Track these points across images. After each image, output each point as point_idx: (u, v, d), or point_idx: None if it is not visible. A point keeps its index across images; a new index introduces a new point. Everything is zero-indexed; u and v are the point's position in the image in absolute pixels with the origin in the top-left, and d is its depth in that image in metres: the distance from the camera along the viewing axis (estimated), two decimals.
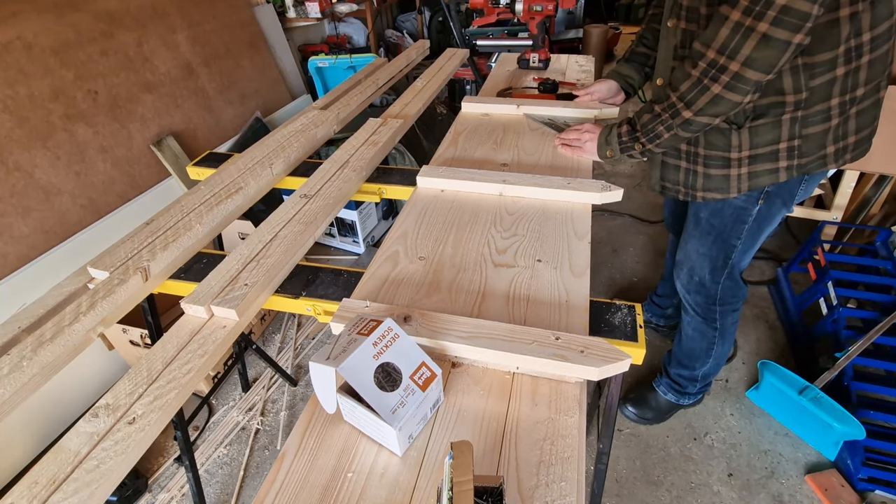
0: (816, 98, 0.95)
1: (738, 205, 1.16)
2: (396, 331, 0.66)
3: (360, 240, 2.45)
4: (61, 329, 0.80)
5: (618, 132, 1.14)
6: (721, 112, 0.93)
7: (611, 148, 1.17)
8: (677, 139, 1.03)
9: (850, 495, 1.44)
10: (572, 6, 1.87)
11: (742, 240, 1.23)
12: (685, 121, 0.97)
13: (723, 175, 1.10)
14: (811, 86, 0.94)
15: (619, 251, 2.46)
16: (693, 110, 0.95)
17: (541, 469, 0.61)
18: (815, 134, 1.00)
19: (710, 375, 1.57)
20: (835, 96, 0.95)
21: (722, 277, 1.31)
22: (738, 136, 1.04)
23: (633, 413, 1.69)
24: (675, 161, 1.16)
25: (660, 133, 1.04)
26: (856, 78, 0.93)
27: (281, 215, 1.04)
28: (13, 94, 1.66)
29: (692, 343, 1.50)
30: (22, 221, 1.64)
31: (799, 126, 0.99)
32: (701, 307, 1.40)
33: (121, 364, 1.86)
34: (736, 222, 1.20)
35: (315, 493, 0.60)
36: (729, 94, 0.89)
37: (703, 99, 0.92)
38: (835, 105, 0.96)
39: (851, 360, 1.51)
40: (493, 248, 0.97)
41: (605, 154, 1.19)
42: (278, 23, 2.98)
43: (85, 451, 0.62)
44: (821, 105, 0.96)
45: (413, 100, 1.62)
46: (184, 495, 1.54)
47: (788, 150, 1.02)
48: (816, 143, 1.01)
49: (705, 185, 1.13)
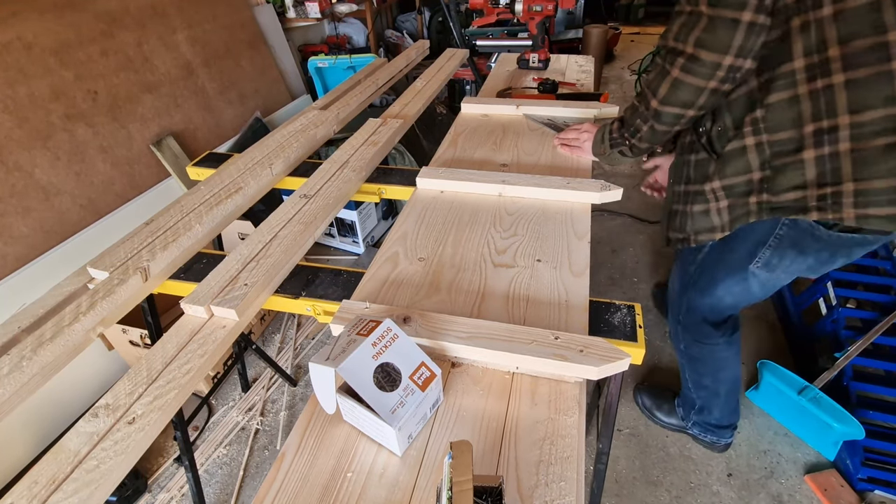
0: (779, 119, 0.85)
1: None
2: (396, 331, 0.66)
3: (359, 240, 2.45)
4: (61, 329, 0.80)
5: (609, 129, 1.16)
6: (684, 99, 0.91)
7: (604, 146, 1.17)
8: (655, 134, 1.02)
9: (850, 495, 1.44)
10: (572, 6, 1.87)
11: (695, 267, 1.21)
12: (655, 111, 0.97)
13: (703, 210, 1.04)
14: (767, 102, 0.86)
15: (618, 251, 2.46)
16: (658, 98, 0.94)
17: (540, 469, 0.61)
18: (787, 165, 0.87)
19: (705, 411, 1.50)
20: (806, 122, 0.83)
21: (684, 302, 1.31)
22: (714, 165, 0.99)
23: (643, 405, 1.70)
24: (674, 206, 1.13)
25: (638, 126, 1.04)
26: (831, 100, 0.79)
27: (281, 215, 1.04)
28: (13, 94, 1.66)
29: (678, 360, 1.52)
30: (22, 221, 1.64)
31: (769, 153, 0.89)
32: (672, 321, 1.42)
33: (120, 364, 1.85)
34: (693, 250, 1.21)
35: (315, 492, 0.60)
36: (688, 77, 0.88)
37: (665, 85, 0.92)
38: (808, 133, 0.83)
39: (851, 360, 1.51)
40: (492, 248, 0.97)
41: (599, 151, 1.20)
42: (278, 23, 2.98)
43: (85, 451, 0.62)
44: (790, 131, 0.85)
45: (413, 100, 1.62)
46: (183, 495, 1.54)
47: (759, 181, 0.92)
48: (790, 178, 0.87)
49: (694, 225, 1.07)
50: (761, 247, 1.01)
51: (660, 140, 1.05)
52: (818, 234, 0.92)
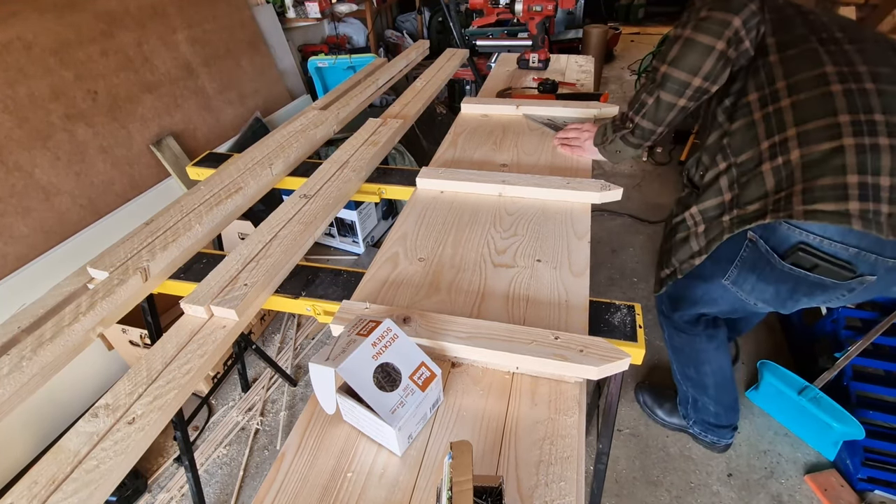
0: (741, 141, 0.99)
1: None
2: (396, 331, 0.66)
3: (359, 240, 2.45)
4: (61, 329, 0.80)
5: (612, 119, 1.19)
6: (694, 62, 0.95)
7: (607, 135, 1.19)
8: (661, 107, 1.03)
9: (850, 495, 1.44)
10: (572, 6, 1.87)
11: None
12: (663, 76, 0.99)
13: (684, 238, 1.14)
14: (731, 129, 1.01)
15: (618, 251, 2.46)
16: (667, 61, 0.98)
17: (540, 469, 0.61)
18: (751, 181, 0.97)
19: (699, 406, 1.51)
20: (762, 140, 0.95)
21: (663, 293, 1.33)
22: (694, 196, 1.11)
23: (644, 402, 1.71)
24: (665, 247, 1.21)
25: (644, 101, 1.05)
26: (780, 119, 0.93)
27: (281, 215, 1.04)
28: (13, 94, 1.66)
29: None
30: (22, 221, 1.64)
31: (735, 173, 1.00)
32: (657, 309, 1.49)
33: (120, 364, 1.85)
34: None
35: (315, 492, 0.60)
36: (699, 35, 0.93)
37: (676, 46, 0.97)
38: (765, 148, 0.94)
39: (851, 361, 1.51)
40: (492, 248, 0.97)
41: (600, 141, 1.21)
42: (278, 23, 2.98)
43: (84, 451, 0.62)
44: (750, 151, 0.97)
45: (413, 100, 1.62)
46: (183, 495, 1.54)
47: (730, 201, 1.01)
48: (754, 191, 0.96)
49: (678, 255, 1.16)
50: (729, 264, 1.08)
51: (663, 119, 1.05)
52: (773, 262, 0.99)
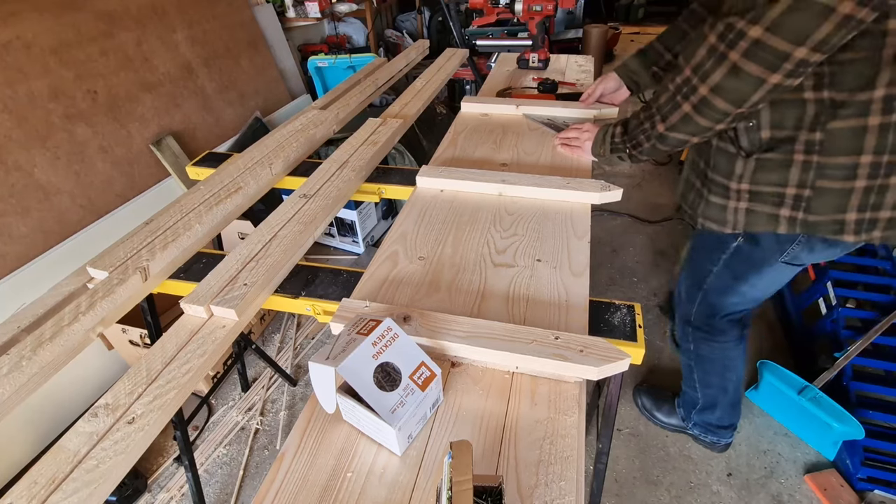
0: (838, 146, 0.83)
1: (720, 235, 1.10)
2: (396, 330, 0.66)
3: (359, 240, 2.45)
4: (61, 329, 0.80)
5: (612, 132, 1.12)
6: (692, 132, 0.89)
7: (605, 147, 1.15)
8: (656, 151, 1.00)
9: (850, 495, 1.44)
10: (572, 6, 1.87)
11: (717, 269, 1.18)
12: (660, 134, 0.95)
13: (721, 205, 1.02)
14: (830, 128, 0.82)
15: (618, 251, 2.46)
16: (666, 125, 0.92)
17: (540, 468, 0.61)
18: (832, 190, 0.87)
19: (707, 411, 1.51)
20: (866, 152, 0.81)
21: (696, 300, 1.30)
22: (742, 164, 0.95)
23: (643, 404, 1.70)
24: (693, 178, 1.11)
25: (641, 142, 1.01)
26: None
27: (280, 215, 1.04)
28: (13, 94, 1.66)
29: (682, 360, 1.51)
30: (21, 221, 1.64)
31: (813, 174, 0.87)
32: (680, 324, 1.42)
33: (120, 364, 1.85)
34: (713, 248, 1.17)
35: (314, 492, 0.60)
36: (697, 116, 0.85)
37: (675, 116, 0.89)
38: (865, 163, 0.82)
39: (850, 360, 1.51)
40: (492, 248, 0.97)
41: (598, 152, 1.18)
42: (278, 23, 2.98)
43: (84, 450, 0.62)
44: (845, 158, 0.83)
45: (412, 100, 1.62)
46: (183, 495, 1.54)
47: (795, 198, 0.91)
48: (832, 202, 0.88)
49: (705, 211, 1.06)
50: (789, 243, 1.01)
51: (661, 156, 1.04)
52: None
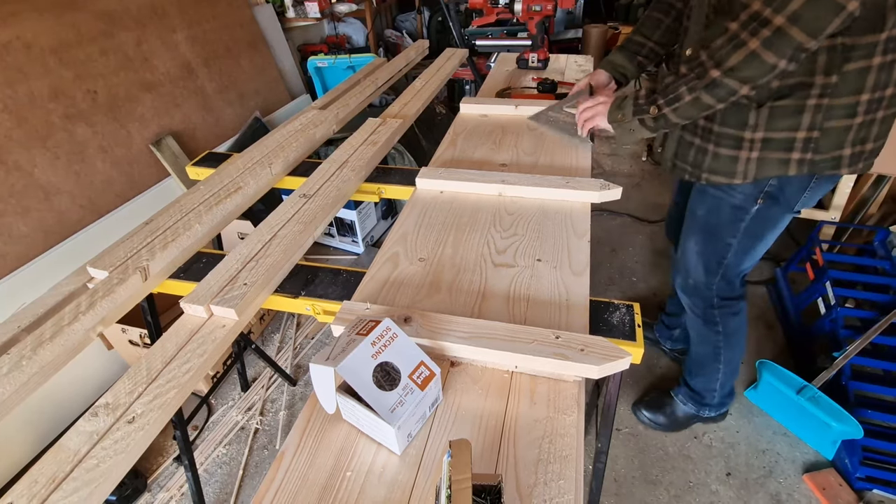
0: (846, 87, 0.90)
1: (736, 203, 1.13)
2: (395, 330, 0.66)
3: (359, 239, 2.45)
4: (61, 328, 0.80)
5: (635, 95, 1.07)
6: (751, 76, 0.85)
7: (622, 112, 1.09)
8: (698, 105, 0.94)
9: (848, 494, 1.44)
10: (571, 6, 1.87)
11: (738, 239, 1.18)
12: (711, 80, 0.88)
13: (731, 156, 1.04)
14: (844, 70, 0.88)
15: (618, 251, 2.46)
16: (722, 69, 0.86)
17: (539, 467, 0.61)
18: (836, 129, 0.94)
19: (727, 384, 1.51)
20: (865, 91, 0.90)
21: (716, 279, 1.28)
22: (756, 114, 0.97)
23: (647, 417, 1.65)
24: (690, 137, 1.11)
25: (681, 94, 0.94)
26: (889, 74, 0.88)
27: (280, 215, 1.04)
28: (13, 94, 1.66)
29: (699, 348, 1.47)
30: (21, 221, 1.64)
31: (822, 116, 0.93)
32: (699, 309, 1.38)
33: (120, 364, 1.85)
34: (732, 220, 1.16)
35: (314, 491, 0.60)
36: (766, 52, 0.81)
37: (737, 56, 0.83)
38: (864, 101, 0.91)
39: (849, 360, 1.51)
40: (492, 248, 0.97)
41: (615, 118, 1.12)
42: (277, 23, 2.98)
43: (84, 450, 0.62)
44: (848, 98, 0.91)
45: (412, 100, 1.62)
46: (183, 495, 1.54)
47: (805, 140, 0.96)
48: (835, 140, 0.95)
49: (712, 165, 1.07)
50: (802, 191, 1.06)
51: (694, 115, 0.99)
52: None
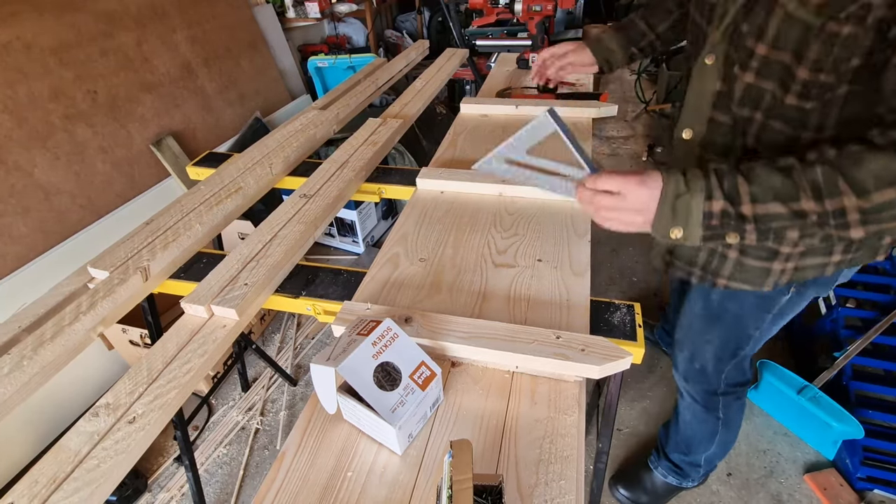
0: None
1: (763, 294, 0.92)
2: (396, 330, 0.66)
3: (359, 239, 2.45)
4: (61, 329, 0.80)
5: (705, 208, 0.65)
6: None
7: (682, 227, 0.67)
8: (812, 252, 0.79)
9: (849, 494, 1.44)
10: (572, 6, 1.87)
11: (762, 329, 1.01)
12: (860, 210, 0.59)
13: (762, 268, 0.85)
14: None
15: (618, 251, 2.46)
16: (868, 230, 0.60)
17: (540, 467, 0.61)
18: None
19: (715, 459, 1.35)
20: None
21: (727, 367, 1.10)
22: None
23: (624, 496, 1.46)
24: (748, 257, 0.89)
25: (790, 238, 0.76)
26: None
27: (280, 215, 1.04)
28: (13, 94, 1.66)
29: (691, 430, 1.29)
30: (21, 221, 1.64)
31: None
32: (700, 396, 1.19)
33: (121, 364, 1.85)
34: (758, 310, 0.97)
35: (315, 492, 0.60)
36: None
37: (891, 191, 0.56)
38: None
39: (850, 360, 1.51)
40: (493, 248, 0.97)
41: (668, 233, 0.69)
42: (278, 23, 2.98)
43: (85, 450, 0.62)
44: None
45: (412, 100, 1.62)
46: (183, 495, 1.54)
47: (847, 244, 0.82)
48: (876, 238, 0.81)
49: (734, 273, 0.88)
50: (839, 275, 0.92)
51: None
52: None
